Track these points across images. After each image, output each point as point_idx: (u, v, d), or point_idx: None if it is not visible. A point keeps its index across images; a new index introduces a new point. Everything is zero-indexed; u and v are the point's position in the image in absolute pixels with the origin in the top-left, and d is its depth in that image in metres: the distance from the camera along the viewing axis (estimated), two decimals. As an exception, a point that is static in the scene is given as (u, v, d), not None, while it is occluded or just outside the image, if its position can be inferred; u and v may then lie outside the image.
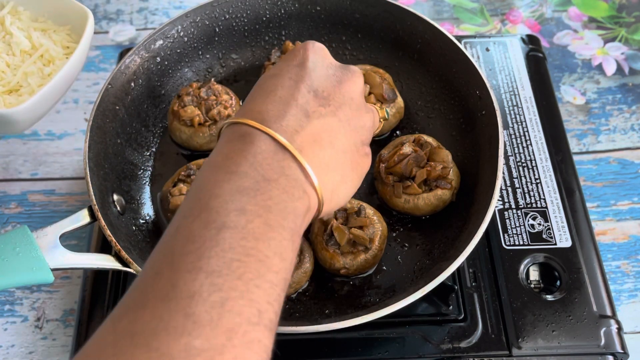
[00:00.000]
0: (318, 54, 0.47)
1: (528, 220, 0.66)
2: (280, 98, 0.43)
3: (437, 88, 0.72)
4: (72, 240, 0.70)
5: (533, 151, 0.71)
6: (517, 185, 0.68)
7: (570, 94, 0.85)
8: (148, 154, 0.70)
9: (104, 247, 0.66)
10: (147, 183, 0.68)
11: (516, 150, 0.71)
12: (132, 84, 0.68)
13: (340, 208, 0.61)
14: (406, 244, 0.64)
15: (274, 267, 0.35)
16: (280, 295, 0.35)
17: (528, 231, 0.65)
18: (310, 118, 0.43)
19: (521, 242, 0.64)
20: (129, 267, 0.55)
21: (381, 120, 0.53)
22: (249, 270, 0.34)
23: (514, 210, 0.66)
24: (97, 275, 0.65)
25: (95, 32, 0.91)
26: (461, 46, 0.68)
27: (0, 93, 0.70)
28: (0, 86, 0.70)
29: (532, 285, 0.62)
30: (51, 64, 0.73)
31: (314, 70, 0.46)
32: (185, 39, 0.72)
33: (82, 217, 0.57)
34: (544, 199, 0.67)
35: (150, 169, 0.69)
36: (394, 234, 0.64)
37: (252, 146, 0.40)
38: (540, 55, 0.80)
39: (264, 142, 0.40)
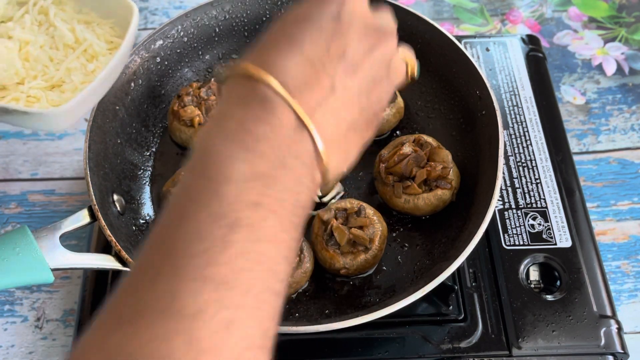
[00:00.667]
0: (357, 3, 0.39)
1: (528, 220, 0.66)
2: (307, 58, 0.36)
3: (437, 88, 0.72)
4: (72, 240, 0.70)
5: (533, 151, 0.71)
6: (517, 185, 0.68)
7: (570, 94, 0.85)
8: (148, 154, 0.70)
9: (104, 247, 0.66)
10: (147, 183, 0.68)
11: (516, 150, 0.71)
12: (132, 84, 0.68)
13: (340, 208, 0.61)
14: (406, 244, 0.64)
15: (281, 274, 0.32)
16: (280, 307, 0.32)
17: (528, 231, 0.65)
18: (334, 91, 0.36)
19: (521, 242, 0.64)
20: (129, 267, 0.55)
21: (409, 79, 0.46)
22: (259, 281, 0.31)
23: (514, 210, 0.66)
24: (97, 275, 0.65)
25: (95, 32, 0.91)
26: (461, 46, 0.68)
27: (43, 88, 0.69)
28: (43, 81, 0.69)
29: (532, 285, 0.62)
30: (94, 60, 0.72)
31: (350, 28, 0.38)
32: (185, 39, 0.72)
33: (82, 217, 0.57)
34: (544, 199, 0.67)
35: (150, 169, 0.69)
36: (394, 234, 0.64)
37: (272, 117, 0.33)
38: (540, 55, 0.80)
39: (286, 116, 0.34)
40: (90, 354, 0.28)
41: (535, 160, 0.70)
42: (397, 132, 0.71)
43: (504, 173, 0.69)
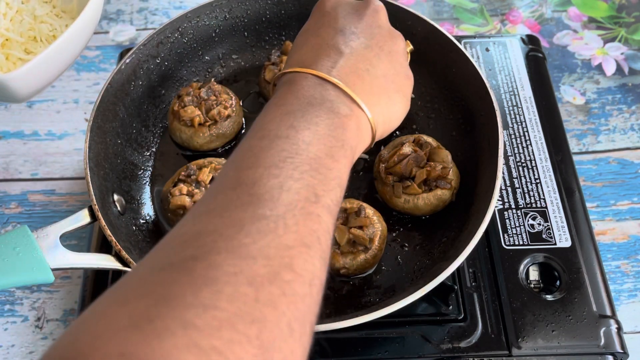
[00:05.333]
0: None
1: (528, 220, 0.66)
2: (313, 46, 0.48)
3: (437, 88, 0.72)
4: (72, 240, 0.70)
5: (533, 151, 0.71)
6: (517, 185, 0.68)
7: (570, 94, 0.85)
8: (148, 154, 0.70)
9: (104, 247, 0.66)
10: (147, 183, 0.68)
11: (516, 150, 0.71)
12: (132, 84, 0.68)
13: (340, 208, 0.61)
14: (406, 244, 0.64)
15: (326, 164, 0.40)
16: (336, 190, 0.39)
17: (528, 231, 0.65)
18: (342, 53, 0.47)
19: (521, 242, 0.64)
20: (129, 267, 0.55)
21: (407, 52, 0.55)
22: (302, 164, 0.38)
23: (514, 210, 0.66)
24: (97, 275, 0.65)
25: (95, 33, 0.91)
26: (461, 46, 0.68)
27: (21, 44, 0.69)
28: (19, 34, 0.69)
29: (532, 285, 0.62)
30: (53, 39, 0.72)
31: (336, 14, 0.50)
32: (185, 39, 0.73)
33: (82, 217, 0.57)
34: (544, 199, 0.67)
35: (150, 169, 0.69)
36: (394, 234, 0.64)
37: (295, 85, 0.45)
38: (540, 55, 0.80)
39: (306, 80, 0.45)
40: (188, 217, 0.36)
41: (535, 160, 0.70)
42: (397, 132, 0.71)
43: (503, 173, 0.69)
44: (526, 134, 0.72)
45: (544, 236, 0.64)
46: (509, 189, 0.68)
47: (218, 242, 0.33)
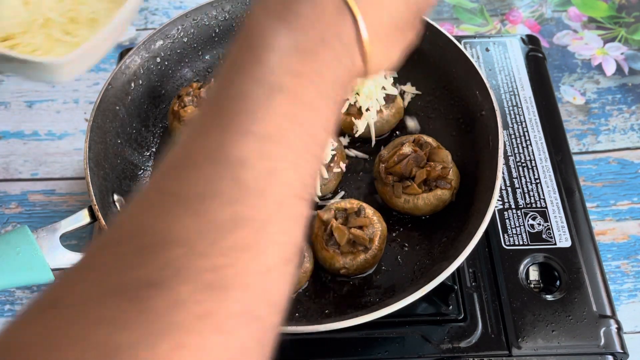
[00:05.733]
0: None
1: (528, 220, 0.66)
2: None
3: (437, 88, 0.72)
4: (73, 240, 0.70)
5: (533, 151, 0.71)
6: (516, 185, 0.68)
7: (570, 94, 0.85)
8: (148, 154, 0.70)
9: (104, 247, 0.66)
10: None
11: (516, 150, 0.71)
12: (132, 84, 0.68)
13: (340, 208, 0.61)
14: (406, 244, 0.64)
15: (320, 141, 0.34)
16: (317, 172, 0.35)
17: (528, 231, 0.65)
18: None
19: (521, 242, 0.64)
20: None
21: None
22: (298, 140, 0.32)
23: (514, 210, 0.66)
24: (98, 275, 0.65)
25: (95, 32, 0.91)
26: (461, 46, 0.68)
27: (47, 40, 0.68)
28: (47, 31, 0.68)
29: (532, 285, 0.62)
30: (97, 23, 0.72)
31: None
32: (186, 39, 0.73)
33: (82, 217, 0.57)
34: (544, 199, 0.67)
35: (150, 169, 0.69)
36: (394, 234, 0.64)
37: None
38: (540, 55, 0.80)
39: None
40: (148, 196, 0.30)
41: (535, 160, 0.70)
42: (397, 132, 0.71)
43: (503, 173, 0.69)
44: (526, 134, 0.72)
45: (544, 236, 0.64)
46: (509, 189, 0.68)
47: (185, 263, 0.27)
